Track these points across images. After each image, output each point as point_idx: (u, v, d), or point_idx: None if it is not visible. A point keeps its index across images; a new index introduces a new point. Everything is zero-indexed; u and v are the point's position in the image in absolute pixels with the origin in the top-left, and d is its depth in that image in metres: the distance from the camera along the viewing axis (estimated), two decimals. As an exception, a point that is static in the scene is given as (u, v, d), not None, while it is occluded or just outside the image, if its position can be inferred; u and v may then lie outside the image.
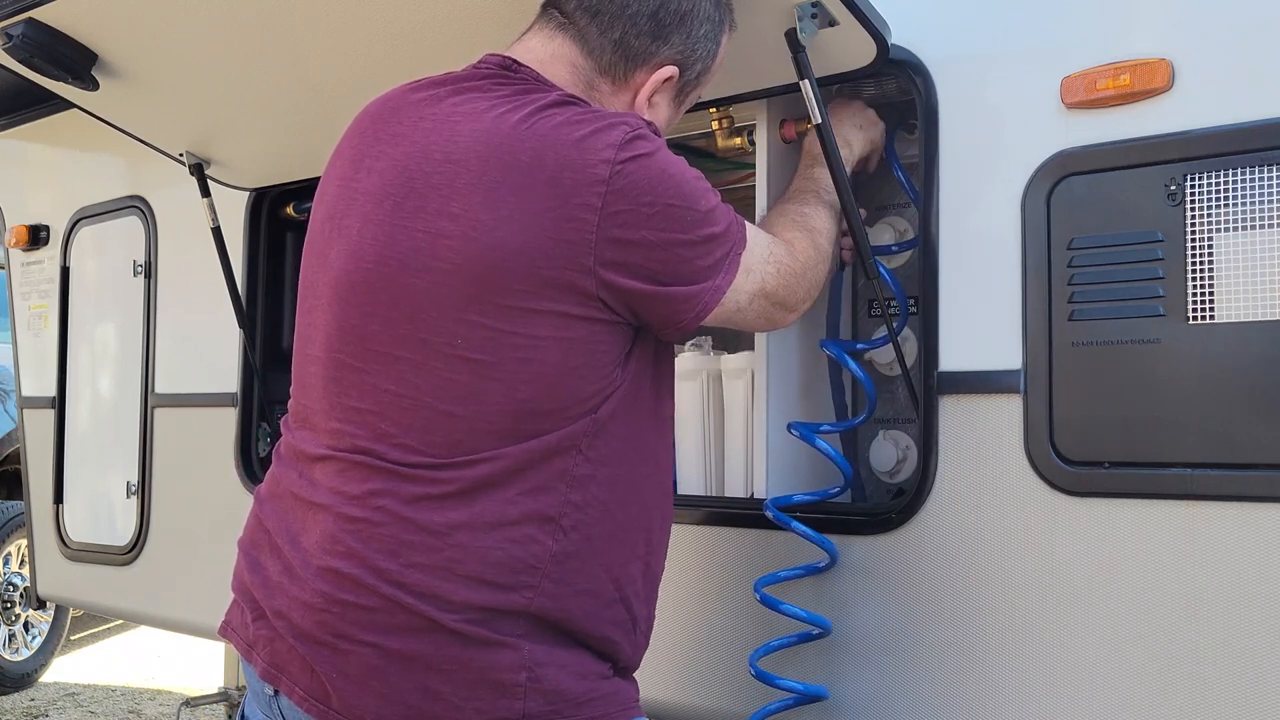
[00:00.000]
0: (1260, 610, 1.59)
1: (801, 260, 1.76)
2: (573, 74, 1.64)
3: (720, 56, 1.74)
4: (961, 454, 1.83)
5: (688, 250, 1.55)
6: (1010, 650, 1.79)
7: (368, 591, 1.45)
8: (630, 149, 1.49)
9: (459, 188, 1.49)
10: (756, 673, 1.95)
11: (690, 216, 1.54)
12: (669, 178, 1.52)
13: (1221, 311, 1.63)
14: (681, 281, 1.55)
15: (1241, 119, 1.62)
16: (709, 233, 1.57)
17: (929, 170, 1.88)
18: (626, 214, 1.48)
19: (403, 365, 1.50)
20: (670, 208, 1.51)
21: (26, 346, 3.79)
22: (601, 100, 1.65)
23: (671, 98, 1.71)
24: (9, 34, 2.10)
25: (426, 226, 1.50)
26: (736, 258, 1.61)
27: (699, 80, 1.73)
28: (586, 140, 1.48)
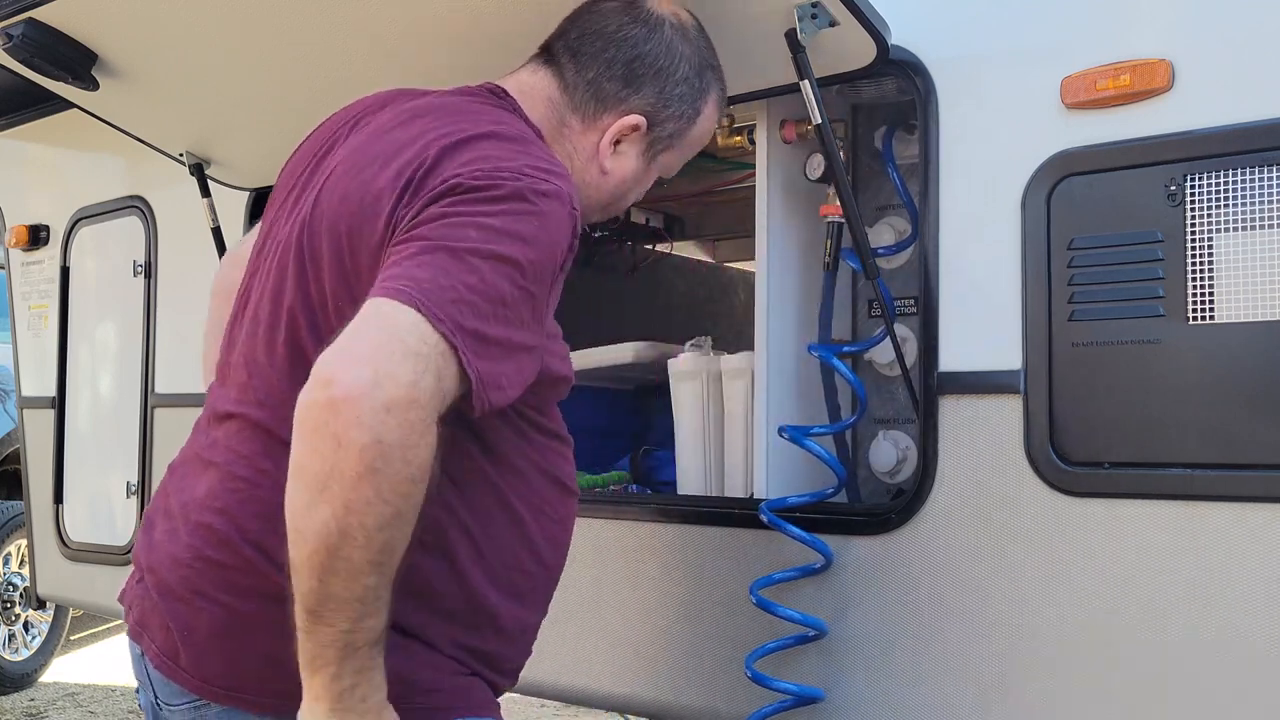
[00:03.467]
0: (1260, 610, 1.59)
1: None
2: (548, 108, 1.68)
3: (700, 126, 1.75)
4: (961, 454, 1.83)
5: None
6: (1010, 650, 1.79)
7: (231, 550, 1.43)
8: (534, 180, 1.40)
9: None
10: (753, 675, 1.95)
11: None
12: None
13: (1221, 311, 1.63)
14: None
15: (1241, 119, 1.62)
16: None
17: (929, 170, 1.88)
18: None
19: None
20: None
21: (26, 346, 3.79)
22: (571, 138, 1.69)
23: (640, 151, 1.72)
24: (9, 34, 2.10)
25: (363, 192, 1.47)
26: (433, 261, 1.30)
27: (671, 141, 1.73)
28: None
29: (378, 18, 1.97)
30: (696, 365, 2.26)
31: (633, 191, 1.78)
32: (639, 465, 2.57)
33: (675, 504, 2.23)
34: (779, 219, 2.14)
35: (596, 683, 2.25)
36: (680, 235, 3.39)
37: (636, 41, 1.68)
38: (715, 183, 2.79)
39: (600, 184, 1.73)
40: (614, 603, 2.25)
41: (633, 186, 1.77)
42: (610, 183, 1.74)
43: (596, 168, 1.71)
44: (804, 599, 1.98)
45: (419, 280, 1.26)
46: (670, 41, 1.70)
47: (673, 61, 1.69)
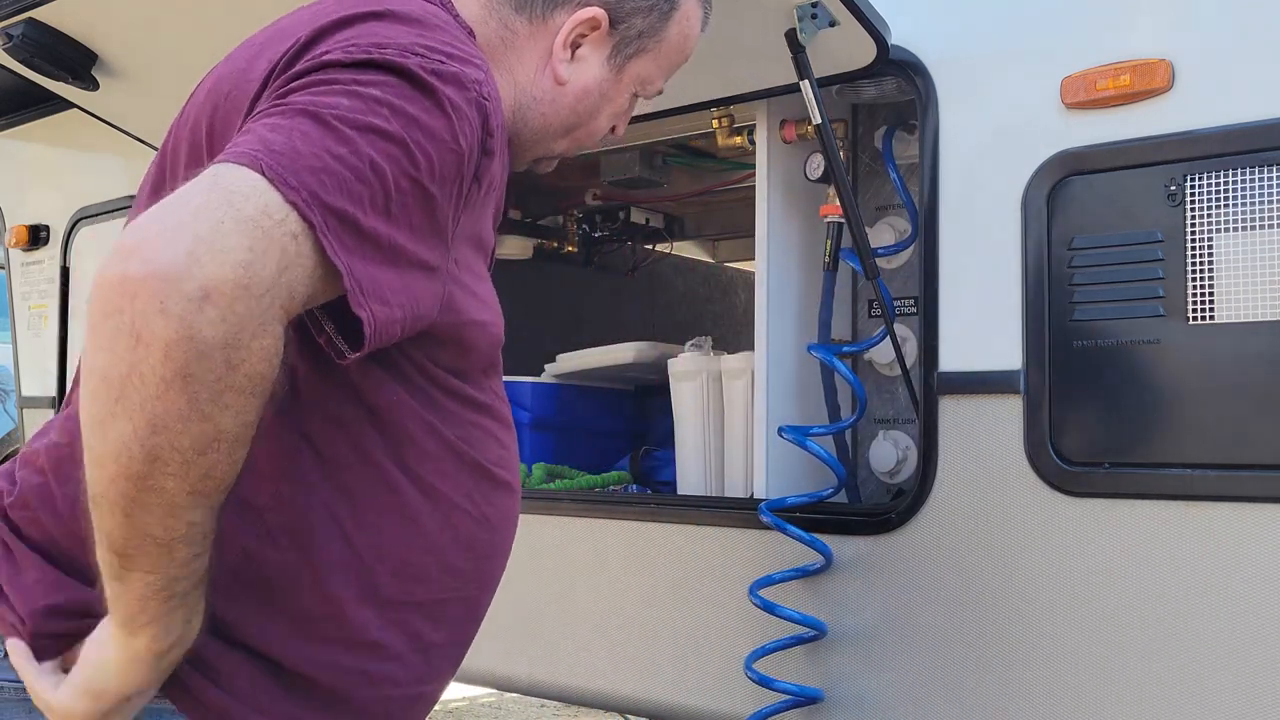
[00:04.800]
0: (1261, 610, 1.59)
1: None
2: (485, 7, 1.40)
3: (677, 25, 1.48)
4: (961, 454, 1.83)
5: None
6: (1010, 650, 1.79)
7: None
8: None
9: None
10: (754, 676, 1.95)
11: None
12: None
13: (1221, 311, 1.63)
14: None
15: (1241, 119, 1.62)
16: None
17: (929, 170, 1.88)
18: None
19: None
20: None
21: (26, 346, 3.79)
22: (516, 44, 1.41)
23: (605, 56, 1.44)
24: (9, 34, 2.10)
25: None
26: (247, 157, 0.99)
27: (643, 43, 1.46)
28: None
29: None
30: (696, 365, 2.26)
31: (602, 111, 1.49)
32: (639, 465, 2.57)
33: (675, 504, 2.23)
34: (779, 219, 2.14)
35: (597, 683, 2.25)
36: (680, 235, 3.39)
37: None
38: (715, 183, 2.79)
39: (557, 98, 1.44)
40: (614, 603, 2.25)
41: (599, 103, 1.47)
42: (569, 95, 1.45)
43: (550, 77, 1.43)
44: (804, 599, 1.98)
45: (269, 143, 0.98)
46: None
47: None
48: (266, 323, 0.94)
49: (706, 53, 1.90)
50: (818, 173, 2.10)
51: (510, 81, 1.42)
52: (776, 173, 2.14)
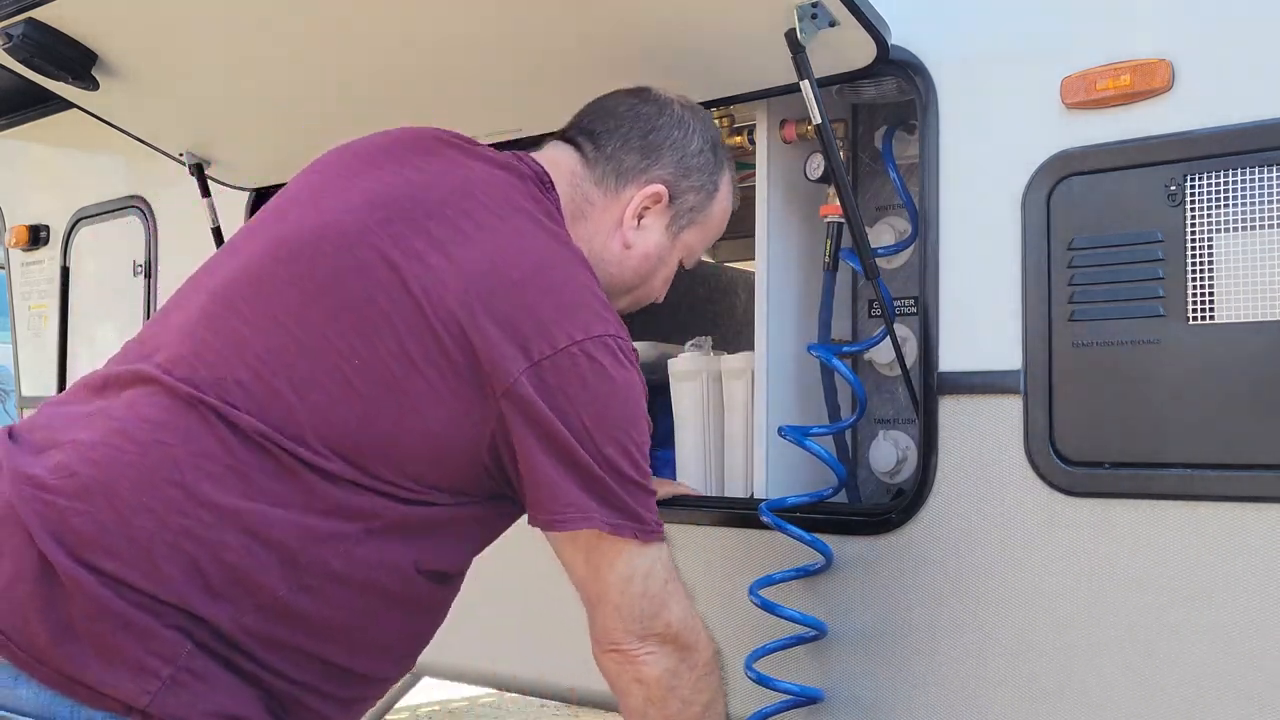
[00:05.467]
0: (1261, 610, 1.59)
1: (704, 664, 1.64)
2: (571, 181, 1.71)
3: (719, 203, 1.81)
4: (961, 454, 1.83)
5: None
6: (1010, 650, 1.79)
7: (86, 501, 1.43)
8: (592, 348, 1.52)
9: (450, 238, 1.53)
10: (755, 676, 1.95)
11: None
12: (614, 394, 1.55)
13: (1221, 312, 1.63)
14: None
15: (1241, 119, 1.62)
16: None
17: (929, 170, 1.88)
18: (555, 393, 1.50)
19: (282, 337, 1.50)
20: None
21: (26, 346, 3.79)
22: (592, 215, 1.72)
23: (664, 225, 1.75)
24: (9, 34, 2.10)
25: (409, 251, 1.52)
26: (632, 532, 1.55)
27: (694, 216, 1.78)
28: (563, 314, 1.51)
29: (379, 17, 1.97)
30: (696, 365, 2.26)
31: (658, 274, 1.80)
32: (639, 465, 2.56)
33: (675, 504, 2.23)
34: (779, 219, 2.14)
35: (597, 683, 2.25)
36: (680, 236, 3.38)
37: (649, 117, 1.75)
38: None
39: (624, 260, 1.75)
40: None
41: (657, 266, 1.78)
42: (634, 258, 1.75)
43: (619, 242, 1.73)
44: (804, 599, 1.98)
45: (635, 516, 1.59)
46: (681, 116, 1.77)
47: (686, 134, 1.76)
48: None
49: (706, 53, 1.91)
50: (818, 173, 2.10)
51: (586, 248, 1.68)
52: (776, 173, 2.14)
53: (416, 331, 1.48)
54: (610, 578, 1.55)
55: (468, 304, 1.48)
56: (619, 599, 1.55)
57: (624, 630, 1.56)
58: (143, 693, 1.36)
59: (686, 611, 1.60)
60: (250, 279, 1.55)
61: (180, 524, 1.40)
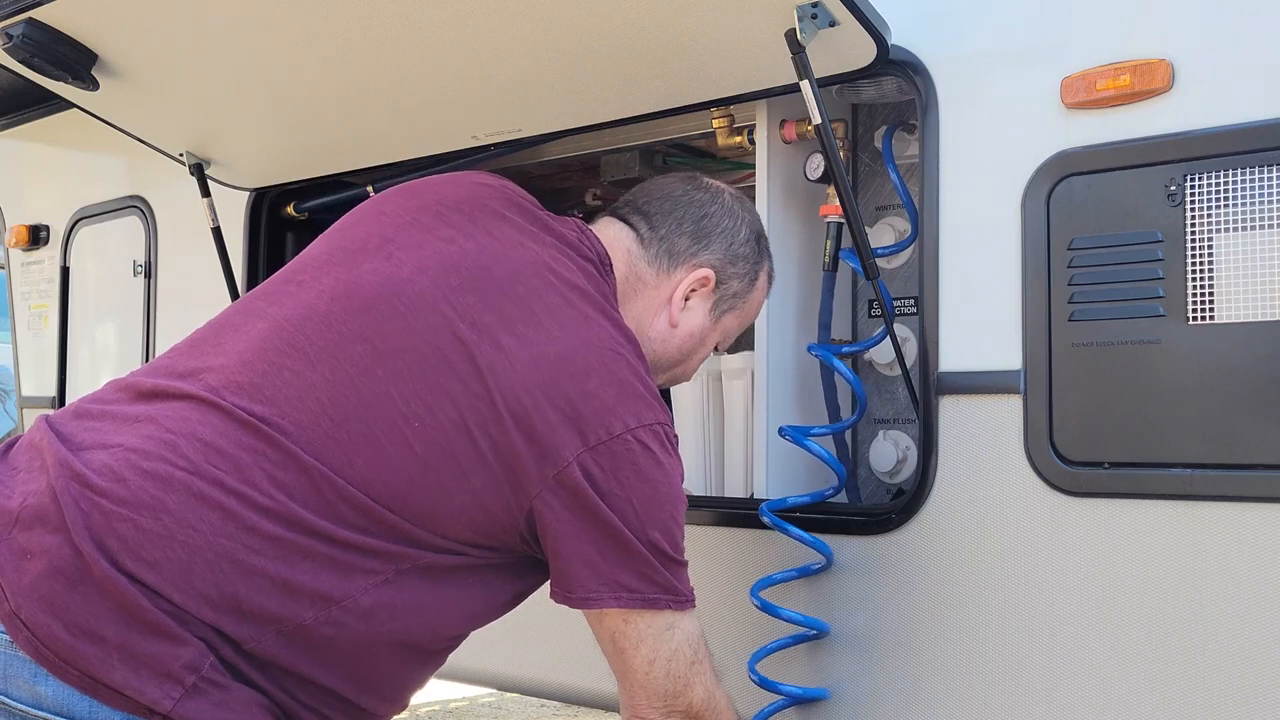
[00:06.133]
0: (1261, 610, 1.59)
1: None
2: (626, 259, 1.79)
3: (758, 293, 1.89)
4: (961, 454, 1.83)
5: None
6: (1010, 650, 1.79)
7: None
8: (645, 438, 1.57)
9: (520, 318, 1.58)
10: (758, 679, 1.95)
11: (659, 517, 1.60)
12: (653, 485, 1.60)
13: (1221, 311, 1.63)
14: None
15: (1241, 119, 1.62)
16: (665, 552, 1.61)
17: (929, 170, 1.88)
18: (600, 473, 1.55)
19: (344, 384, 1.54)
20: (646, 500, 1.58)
21: (26, 346, 3.79)
22: (643, 292, 1.79)
23: (708, 308, 1.83)
24: (9, 34, 2.10)
25: (479, 325, 1.57)
26: (667, 603, 1.61)
27: (735, 302, 1.85)
28: (620, 402, 1.57)
29: (379, 18, 1.97)
30: (696, 365, 2.26)
31: (696, 354, 1.86)
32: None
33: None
34: (779, 219, 2.14)
35: (597, 682, 2.25)
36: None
37: (703, 204, 1.83)
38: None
39: (669, 338, 1.81)
40: (614, 603, 2.25)
41: (697, 347, 1.84)
42: (679, 337, 1.81)
43: (666, 320, 1.80)
44: (805, 599, 1.98)
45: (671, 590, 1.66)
46: (731, 206, 1.86)
47: (735, 224, 1.84)
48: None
49: (706, 53, 1.91)
50: (818, 173, 2.11)
51: (634, 323, 1.75)
52: (776, 173, 2.14)
53: (478, 407, 1.53)
54: (636, 660, 1.60)
55: (531, 388, 1.53)
56: (644, 679, 1.61)
57: (648, 705, 1.63)
58: (166, 697, 1.38)
59: (710, 693, 1.66)
60: (319, 322, 1.58)
61: (223, 547, 1.43)
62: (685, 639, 1.62)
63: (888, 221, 2.13)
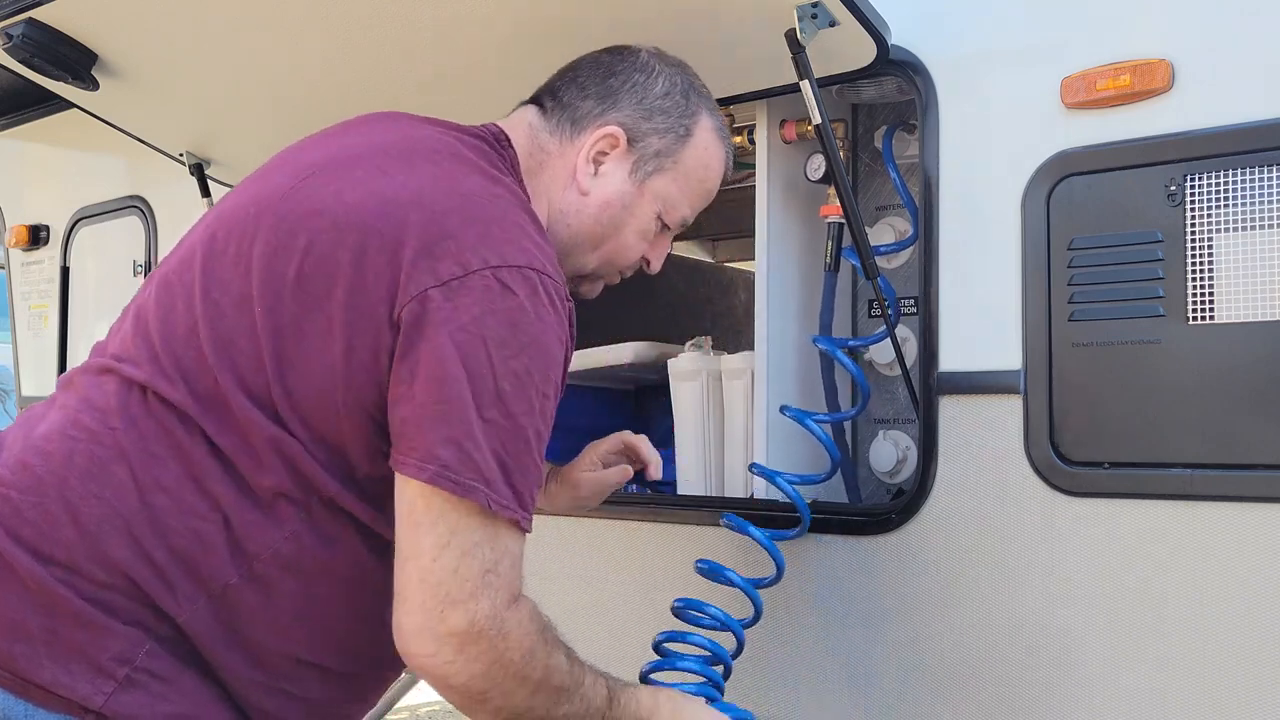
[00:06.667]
0: (1261, 610, 1.59)
1: (520, 659, 1.39)
2: (528, 134, 1.65)
3: (695, 150, 1.68)
4: (961, 454, 1.83)
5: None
6: (1010, 650, 1.79)
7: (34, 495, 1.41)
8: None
9: (374, 174, 1.47)
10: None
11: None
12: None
13: (1221, 312, 1.63)
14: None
15: (1241, 119, 1.62)
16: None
17: (929, 170, 1.88)
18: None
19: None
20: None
21: (26, 346, 3.79)
22: (549, 164, 1.64)
23: (627, 172, 1.65)
24: (9, 34, 2.10)
25: (326, 185, 1.47)
26: (486, 499, 1.34)
27: (661, 162, 1.65)
28: (483, 241, 1.40)
29: (378, 16, 1.97)
30: (696, 365, 2.26)
31: (627, 225, 1.67)
32: (639, 465, 2.56)
33: (675, 504, 2.23)
34: (779, 219, 2.14)
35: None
36: (680, 235, 3.38)
37: (610, 65, 1.68)
38: (715, 182, 2.78)
39: (582, 208, 1.64)
40: (614, 602, 2.26)
41: (622, 215, 1.66)
42: (592, 205, 1.64)
43: (576, 190, 1.64)
44: (805, 599, 1.98)
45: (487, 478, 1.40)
46: (645, 62, 1.69)
47: (648, 78, 1.67)
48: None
49: (706, 53, 1.90)
50: (818, 173, 2.10)
51: (545, 200, 1.62)
52: (776, 173, 2.14)
53: (322, 254, 1.39)
54: (425, 541, 1.34)
55: (379, 227, 1.38)
56: (428, 565, 1.34)
57: (420, 605, 1.34)
58: (97, 693, 1.32)
59: (499, 617, 1.36)
60: (183, 259, 1.50)
61: (128, 509, 1.37)
62: (492, 545, 1.35)
63: (888, 221, 2.13)
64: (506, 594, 1.37)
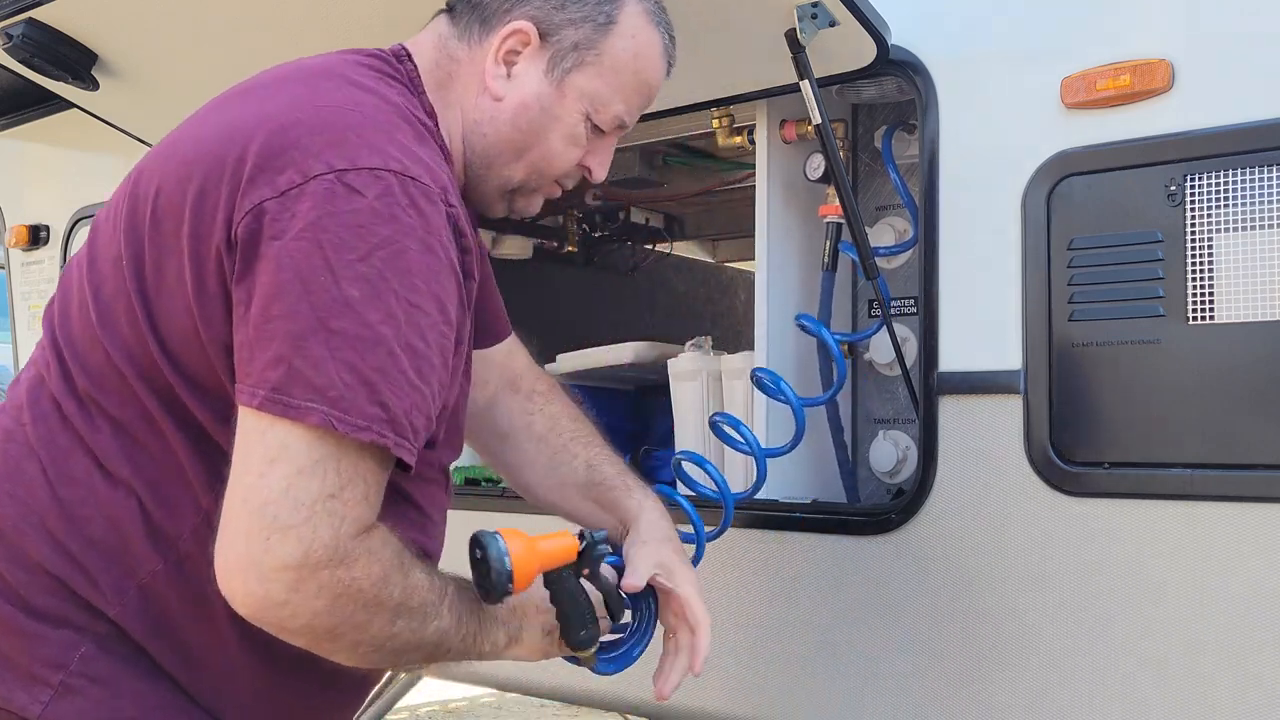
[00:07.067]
0: (1261, 610, 1.59)
1: (371, 586, 1.21)
2: (435, 44, 1.50)
3: (619, 39, 1.48)
4: (961, 454, 1.83)
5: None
6: (1011, 650, 1.79)
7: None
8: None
9: (232, 106, 1.42)
10: None
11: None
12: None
13: (1221, 311, 1.63)
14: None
15: (1241, 119, 1.62)
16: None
17: (929, 170, 1.88)
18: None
19: None
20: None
21: (26, 346, 3.78)
22: (459, 74, 1.48)
23: (543, 71, 1.46)
24: (9, 34, 2.11)
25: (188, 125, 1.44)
26: (326, 418, 1.17)
27: (581, 56, 1.46)
28: (330, 146, 1.27)
29: (378, 16, 1.97)
30: (696, 365, 2.26)
31: (550, 130, 1.48)
32: (639, 465, 2.57)
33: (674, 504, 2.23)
34: (779, 219, 2.14)
35: (597, 682, 2.25)
36: (680, 235, 3.39)
37: None
38: (715, 183, 2.79)
39: (496, 115, 1.47)
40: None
41: (542, 119, 1.47)
42: (507, 110, 1.47)
43: (488, 97, 1.47)
44: (804, 599, 1.98)
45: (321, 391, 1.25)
46: None
47: None
48: None
49: (706, 53, 1.91)
50: (817, 173, 2.11)
51: (458, 112, 1.47)
52: (776, 173, 2.14)
53: (169, 195, 1.30)
54: (253, 458, 1.18)
55: (222, 154, 1.27)
56: (254, 483, 1.17)
57: (245, 531, 1.17)
58: (34, 702, 1.26)
59: (342, 549, 1.18)
60: (88, 242, 1.43)
61: (41, 505, 1.30)
62: (338, 467, 1.18)
63: (888, 221, 2.13)
64: (354, 524, 1.18)
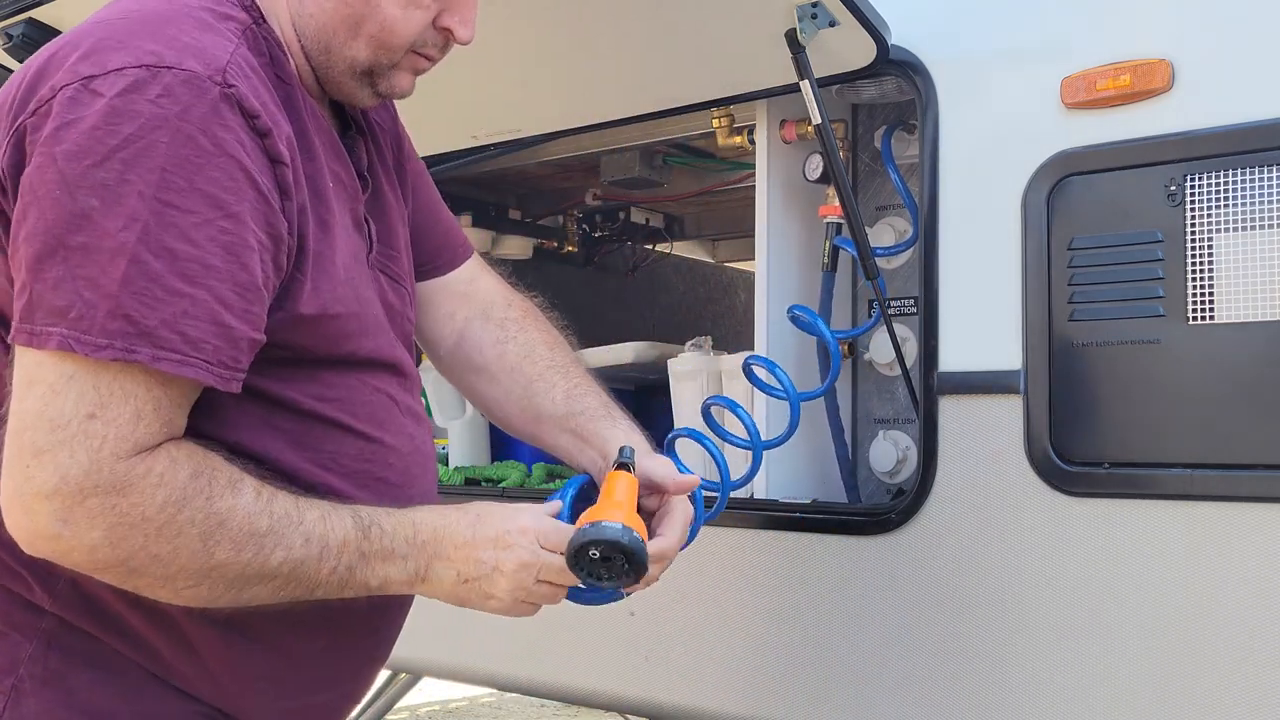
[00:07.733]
0: (1261, 610, 1.59)
1: (157, 512, 1.12)
2: None
3: None
4: (961, 454, 1.83)
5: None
6: (1011, 650, 1.79)
7: None
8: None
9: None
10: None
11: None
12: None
13: (1221, 311, 1.63)
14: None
15: (1241, 119, 1.62)
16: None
17: (929, 170, 1.88)
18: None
19: None
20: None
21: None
22: None
23: None
24: (9, 34, 2.11)
25: None
26: (65, 341, 1.09)
27: None
28: (85, 59, 1.16)
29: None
30: (696, 365, 2.26)
31: (378, 9, 1.31)
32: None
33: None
34: (779, 219, 2.14)
35: (596, 682, 2.25)
36: (680, 235, 3.39)
37: None
38: (715, 183, 2.79)
39: (322, 3, 1.33)
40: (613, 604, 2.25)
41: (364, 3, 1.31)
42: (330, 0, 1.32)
43: None
44: (804, 599, 1.98)
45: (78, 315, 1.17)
46: None
47: None
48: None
49: (706, 53, 1.91)
50: (817, 173, 2.11)
51: (291, 13, 1.34)
52: (776, 173, 2.14)
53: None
54: (28, 399, 1.11)
55: (9, 94, 1.19)
56: (15, 407, 1.11)
57: (8, 472, 1.11)
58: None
59: (118, 475, 1.10)
60: None
61: None
62: (95, 385, 1.10)
63: (888, 221, 2.13)
64: (123, 443, 1.10)
